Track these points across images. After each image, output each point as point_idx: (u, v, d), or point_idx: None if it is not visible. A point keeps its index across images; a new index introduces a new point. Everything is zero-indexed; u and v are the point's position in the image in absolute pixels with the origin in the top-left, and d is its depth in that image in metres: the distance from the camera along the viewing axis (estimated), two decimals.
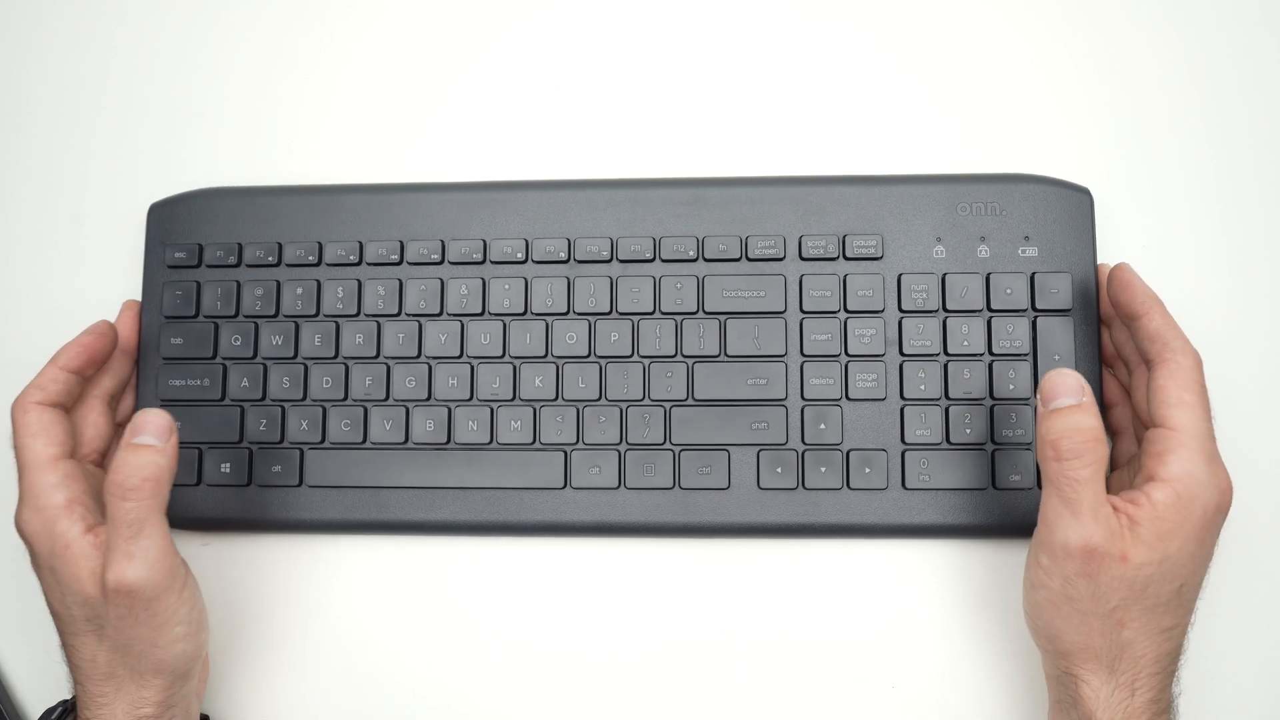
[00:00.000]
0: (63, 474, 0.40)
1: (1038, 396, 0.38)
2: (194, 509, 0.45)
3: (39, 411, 0.41)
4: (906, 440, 0.43)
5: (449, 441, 0.45)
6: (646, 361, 0.45)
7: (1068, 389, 0.37)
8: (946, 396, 0.44)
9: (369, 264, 0.46)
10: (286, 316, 0.46)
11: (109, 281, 0.49)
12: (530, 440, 0.45)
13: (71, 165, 0.50)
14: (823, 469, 0.43)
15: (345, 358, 0.46)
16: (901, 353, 0.44)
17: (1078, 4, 0.49)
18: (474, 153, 0.49)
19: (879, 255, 0.45)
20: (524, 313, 0.45)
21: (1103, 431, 0.37)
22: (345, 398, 0.45)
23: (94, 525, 0.39)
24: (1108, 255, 0.46)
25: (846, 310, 0.44)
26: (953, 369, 0.44)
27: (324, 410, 0.45)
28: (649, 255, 0.45)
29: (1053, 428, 0.37)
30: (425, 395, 0.45)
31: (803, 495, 0.44)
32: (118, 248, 0.49)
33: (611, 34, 0.50)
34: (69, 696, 0.42)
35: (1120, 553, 0.36)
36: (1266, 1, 0.48)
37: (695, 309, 0.45)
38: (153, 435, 0.39)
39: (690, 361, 0.45)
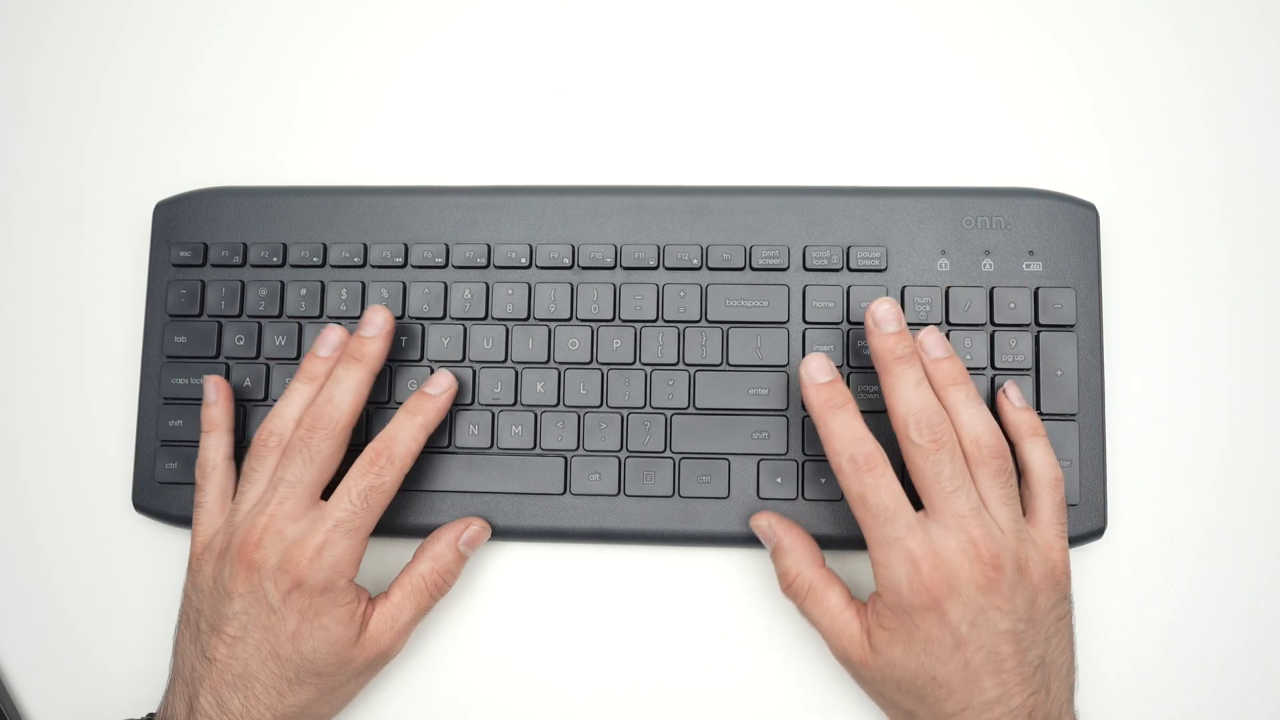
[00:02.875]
0: None
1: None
2: None
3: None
4: None
5: (449, 445, 0.45)
6: (648, 369, 0.45)
7: (763, 534, 0.42)
8: None
9: (373, 266, 0.46)
10: (290, 317, 0.46)
11: (109, 281, 0.49)
12: (531, 445, 0.45)
13: (71, 165, 0.50)
14: (823, 480, 0.43)
15: None
16: None
17: (1085, 19, 0.49)
18: (480, 157, 0.49)
19: (883, 267, 0.45)
20: (527, 318, 0.45)
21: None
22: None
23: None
24: (1112, 270, 0.46)
25: (849, 321, 0.44)
26: None
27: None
28: (653, 263, 0.45)
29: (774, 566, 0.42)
30: None
31: (802, 506, 0.44)
32: (118, 248, 0.49)
33: (619, 41, 0.50)
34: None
35: (861, 659, 0.39)
36: (1273, 17, 0.48)
37: (698, 317, 0.45)
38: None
39: (692, 370, 0.45)
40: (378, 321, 0.43)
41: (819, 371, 0.40)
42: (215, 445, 0.43)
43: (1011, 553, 0.37)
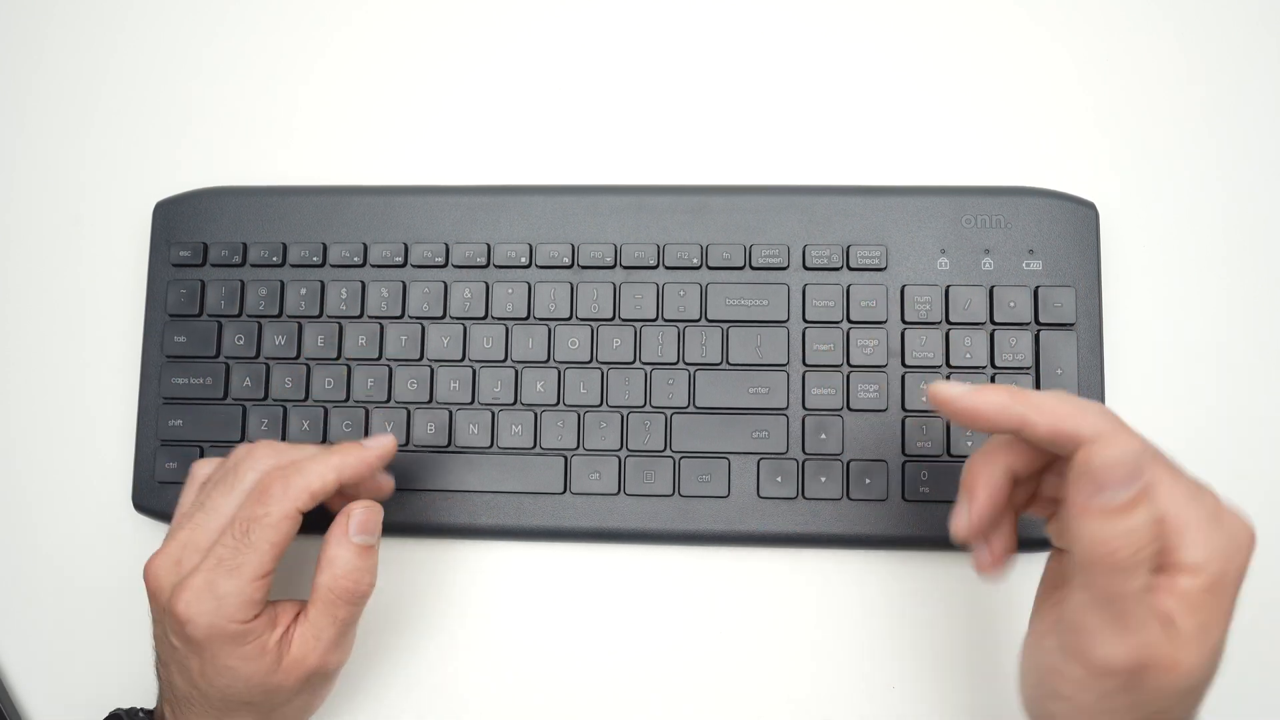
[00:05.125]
0: None
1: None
2: None
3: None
4: (907, 452, 0.43)
5: (449, 444, 0.45)
6: (648, 368, 0.45)
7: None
8: None
9: (373, 266, 0.46)
10: (290, 317, 0.46)
11: (109, 281, 0.49)
12: (531, 445, 0.45)
13: (72, 165, 0.50)
14: (823, 479, 0.43)
15: (347, 359, 0.46)
16: (904, 364, 0.44)
17: (1085, 18, 0.49)
18: (480, 157, 0.49)
19: (883, 266, 0.45)
20: (526, 317, 0.45)
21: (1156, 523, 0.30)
22: (347, 399, 0.45)
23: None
24: (1113, 269, 0.46)
25: (849, 320, 0.44)
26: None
27: (325, 411, 0.45)
28: (652, 262, 0.45)
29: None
30: (427, 398, 0.45)
31: (802, 505, 0.43)
32: (118, 248, 0.49)
33: (619, 40, 0.50)
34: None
35: (1170, 661, 0.30)
36: (1273, 17, 0.48)
37: (698, 316, 0.45)
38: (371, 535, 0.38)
39: (692, 369, 0.45)
40: (380, 439, 0.41)
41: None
42: (211, 463, 0.42)
43: None
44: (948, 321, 0.44)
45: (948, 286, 0.44)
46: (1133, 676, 0.30)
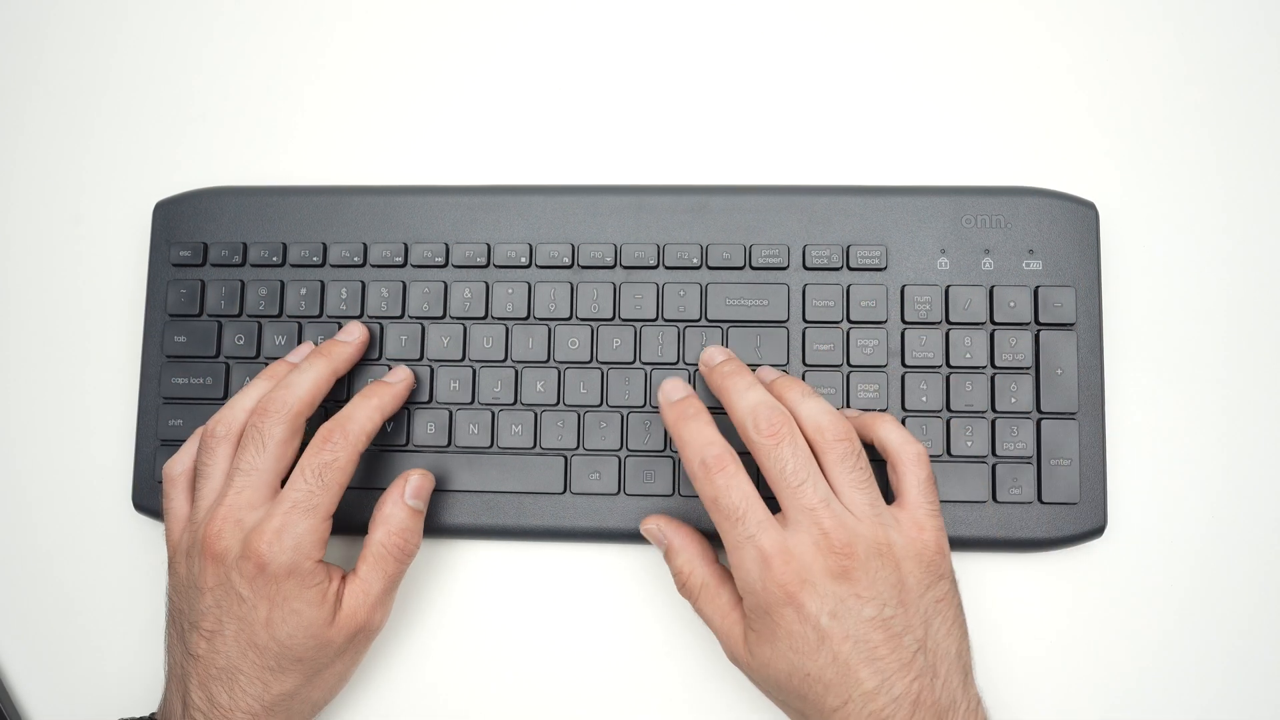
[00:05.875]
0: None
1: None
2: None
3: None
4: None
5: (449, 444, 0.45)
6: (648, 368, 0.45)
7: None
8: (948, 409, 0.44)
9: (373, 266, 0.46)
10: (290, 317, 0.46)
11: (109, 281, 0.49)
12: (531, 445, 0.45)
13: (72, 165, 0.50)
14: None
15: None
16: (903, 364, 0.44)
17: (1086, 18, 0.49)
18: (479, 157, 0.49)
19: (883, 266, 0.45)
20: (526, 317, 0.45)
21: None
22: (347, 399, 0.45)
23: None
24: (1113, 269, 0.46)
25: (849, 320, 0.44)
26: (954, 381, 0.44)
27: (325, 411, 0.45)
28: (652, 262, 0.45)
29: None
30: (427, 398, 0.45)
31: None
32: (118, 248, 0.49)
33: (619, 40, 0.50)
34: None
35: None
36: (1274, 17, 0.48)
37: (698, 316, 0.45)
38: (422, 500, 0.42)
39: (692, 369, 0.45)
40: (354, 331, 0.44)
41: (673, 390, 0.41)
42: (184, 454, 0.43)
43: (868, 538, 0.37)
44: (948, 321, 0.44)
45: (948, 286, 0.44)
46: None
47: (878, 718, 0.35)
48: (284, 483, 0.41)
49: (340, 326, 0.46)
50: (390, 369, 0.45)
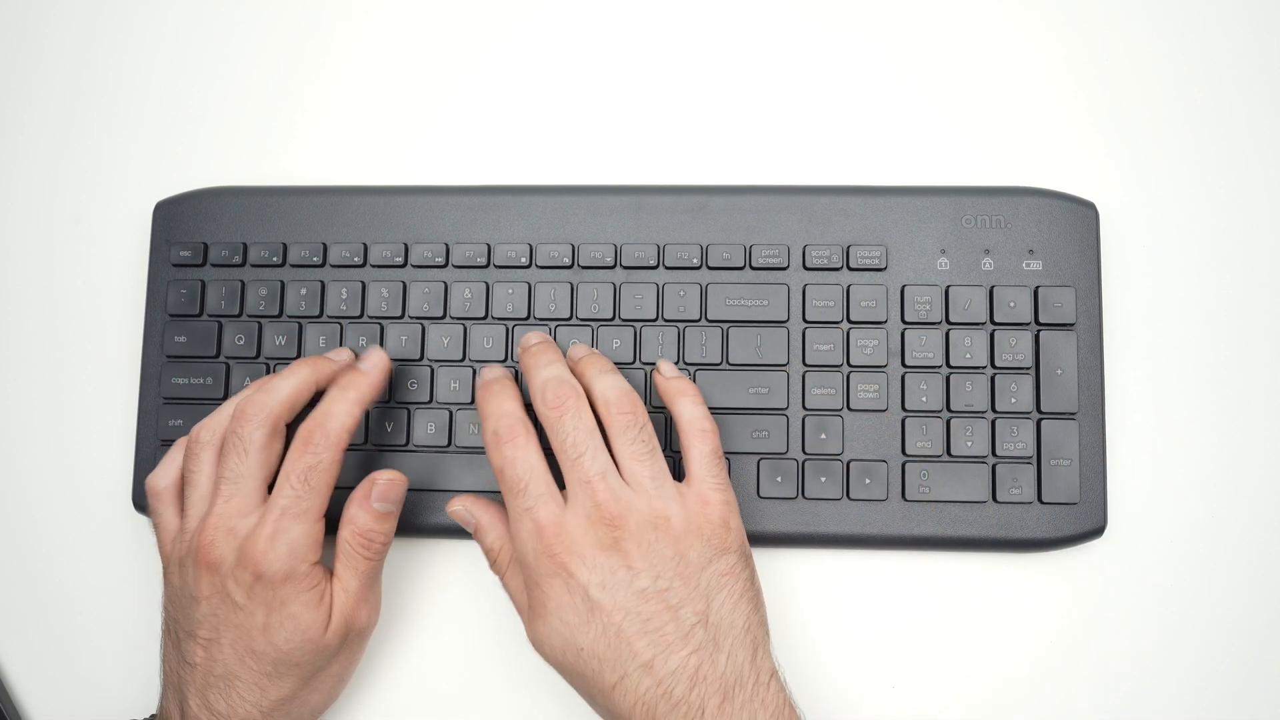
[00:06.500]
0: None
1: None
2: None
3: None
4: (907, 452, 0.43)
5: (450, 444, 0.45)
6: (648, 368, 0.45)
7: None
8: (948, 409, 0.44)
9: (373, 266, 0.46)
10: (290, 317, 0.46)
11: (109, 281, 0.49)
12: None
13: (71, 165, 0.50)
14: (823, 479, 0.43)
15: None
16: (903, 364, 0.44)
17: (1086, 18, 0.49)
18: (480, 157, 0.49)
19: (883, 266, 0.45)
20: (527, 317, 0.45)
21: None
22: None
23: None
24: (1112, 270, 0.46)
25: (849, 321, 0.44)
26: (954, 381, 0.44)
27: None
28: (652, 262, 0.45)
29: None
30: (427, 398, 0.45)
31: (802, 505, 0.44)
32: (118, 248, 0.49)
33: (619, 40, 0.50)
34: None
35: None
36: (1274, 17, 0.48)
37: (698, 317, 0.45)
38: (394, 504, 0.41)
39: (692, 369, 0.45)
40: (374, 358, 0.43)
41: (486, 372, 0.42)
42: (167, 467, 0.43)
43: (642, 510, 0.37)
44: (948, 321, 0.44)
45: (948, 286, 0.44)
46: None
47: (655, 692, 0.35)
48: (273, 485, 0.41)
49: (340, 327, 0.46)
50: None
